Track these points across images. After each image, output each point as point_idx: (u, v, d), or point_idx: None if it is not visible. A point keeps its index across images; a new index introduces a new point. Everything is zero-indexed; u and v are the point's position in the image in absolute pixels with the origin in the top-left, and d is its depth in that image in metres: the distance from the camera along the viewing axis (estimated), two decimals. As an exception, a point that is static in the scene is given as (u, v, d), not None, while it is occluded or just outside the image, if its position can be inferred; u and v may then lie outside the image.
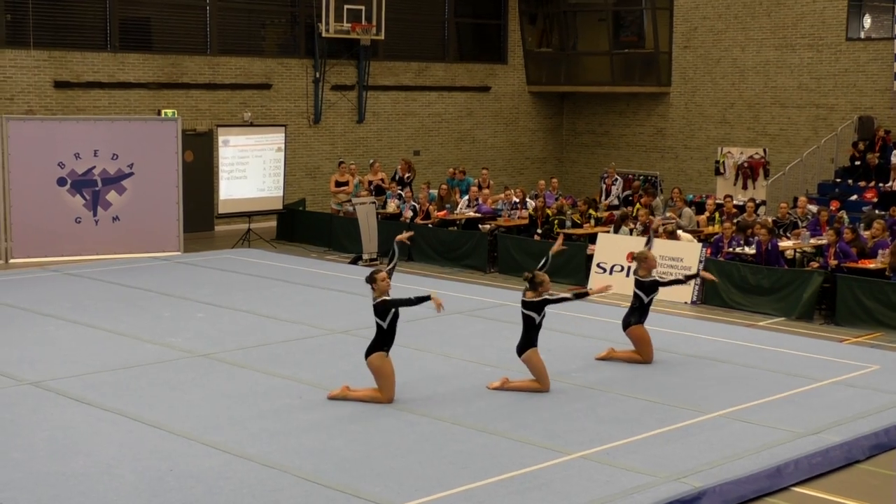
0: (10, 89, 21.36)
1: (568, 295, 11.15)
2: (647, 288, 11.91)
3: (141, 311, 14.65)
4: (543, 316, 10.67)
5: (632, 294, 12.03)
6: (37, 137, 19.32)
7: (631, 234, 18.26)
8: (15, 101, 21.38)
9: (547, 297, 10.64)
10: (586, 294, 11.48)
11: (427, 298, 10.13)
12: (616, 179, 23.65)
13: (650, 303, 11.95)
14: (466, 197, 21.44)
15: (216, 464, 8.63)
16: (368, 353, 10.21)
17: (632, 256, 12.40)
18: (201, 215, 23.17)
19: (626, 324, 11.99)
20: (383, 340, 10.20)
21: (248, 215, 22.12)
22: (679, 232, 17.77)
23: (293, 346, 12.67)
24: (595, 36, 29.26)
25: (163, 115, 22.16)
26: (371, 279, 10.25)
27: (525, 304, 10.67)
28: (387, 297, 10.15)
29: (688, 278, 13.05)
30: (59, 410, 10.06)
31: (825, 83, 25.41)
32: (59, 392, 10.64)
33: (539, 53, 29.97)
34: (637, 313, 11.94)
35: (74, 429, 9.49)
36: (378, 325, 10.18)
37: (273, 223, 23.20)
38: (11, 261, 18.96)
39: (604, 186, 23.84)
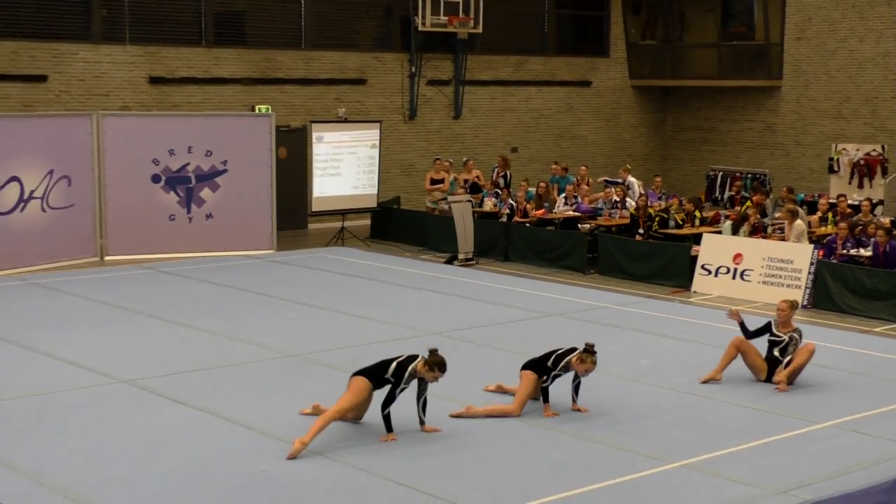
0: (105, 85, 21.95)
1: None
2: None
3: (234, 309, 14.97)
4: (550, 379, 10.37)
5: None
6: (132, 134, 19.80)
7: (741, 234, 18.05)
8: (110, 98, 21.97)
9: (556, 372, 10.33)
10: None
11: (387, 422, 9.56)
12: (629, 185, 21.66)
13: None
14: (563, 195, 21.37)
15: (309, 467, 8.81)
16: (361, 374, 9.68)
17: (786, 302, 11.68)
18: (295, 213, 23.49)
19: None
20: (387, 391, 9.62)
21: (342, 213, 22.37)
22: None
23: (386, 348, 12.77)
24: (702, 27, 28.91)
25: (256, 111, 22.56)
26: (442, 368, 9.67)
27: None
28: (402, 386, 9.52)
29: None
30: (154, 409, 10.36)
31: (949, 75, 24.76)
32: (154, 391, 10.95)
33: (643, 46, 29.73)
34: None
35: (169, 428, 9.78)
36: (392, 386, 9.58)
37: (367, 221, 23.39)
38: (107, 258, 19.50)
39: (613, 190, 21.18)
